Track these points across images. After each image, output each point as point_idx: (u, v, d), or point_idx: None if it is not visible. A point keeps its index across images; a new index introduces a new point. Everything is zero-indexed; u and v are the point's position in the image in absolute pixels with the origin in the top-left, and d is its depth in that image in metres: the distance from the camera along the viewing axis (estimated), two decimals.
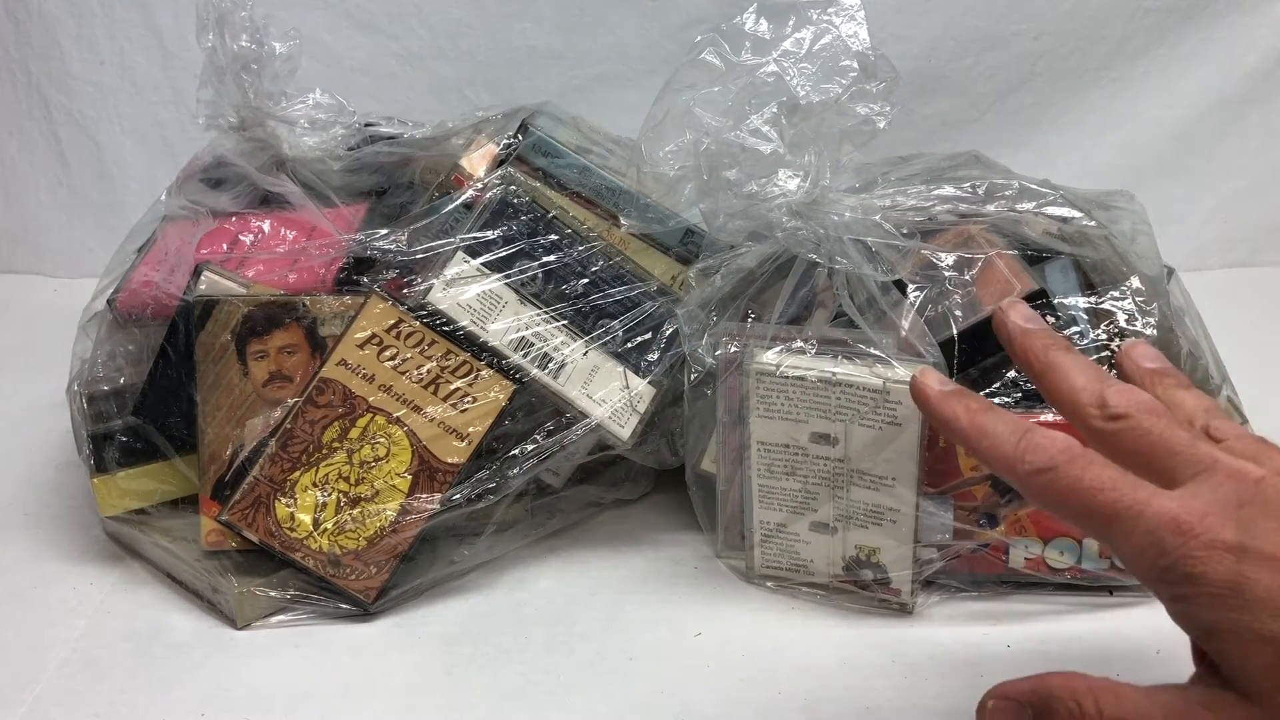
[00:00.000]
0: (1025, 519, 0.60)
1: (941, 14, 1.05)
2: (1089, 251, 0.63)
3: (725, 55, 0.61)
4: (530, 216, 0.65)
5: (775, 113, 0.59)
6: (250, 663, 0.58)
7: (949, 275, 0.61)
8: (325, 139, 0.70)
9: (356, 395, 0.60)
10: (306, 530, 0.60)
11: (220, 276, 0.63)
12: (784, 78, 0.59)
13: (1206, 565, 0.37)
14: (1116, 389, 0.43)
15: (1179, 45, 1.07)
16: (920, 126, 1.08)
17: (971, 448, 0.45)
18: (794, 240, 0.60)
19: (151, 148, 1.09)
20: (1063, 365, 0.45)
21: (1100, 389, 0.43)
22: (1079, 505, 0.41)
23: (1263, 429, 0.64)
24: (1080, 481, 0.41)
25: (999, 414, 0.45)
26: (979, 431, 0.44)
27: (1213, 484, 0.39)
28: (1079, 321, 0.61)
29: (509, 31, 1.06)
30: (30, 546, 0.68)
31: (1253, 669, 0.37)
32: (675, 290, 0.65)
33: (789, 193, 0.60)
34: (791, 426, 0.59)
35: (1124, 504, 0.39)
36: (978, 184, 0.63)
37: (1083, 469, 0.41)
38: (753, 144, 0.59)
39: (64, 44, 1.07)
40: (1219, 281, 1.06)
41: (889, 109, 0.58)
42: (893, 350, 0.58)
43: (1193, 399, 0.45)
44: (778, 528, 0.62)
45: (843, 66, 0.59)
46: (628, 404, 0.63)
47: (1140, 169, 1.09)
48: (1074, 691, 0.40)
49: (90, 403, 0.65)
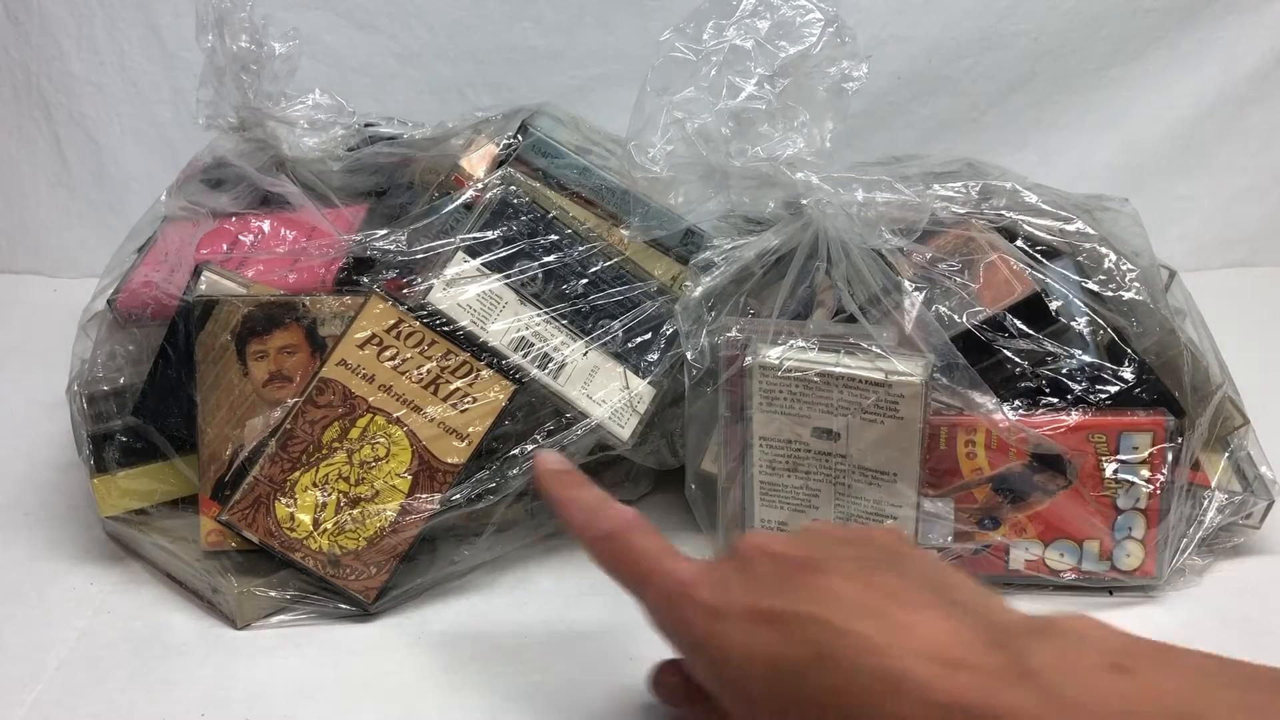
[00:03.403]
0: (1026, 521, 0.60)
1: (941, 14, 1.05)
2: (1087, 253, 0.63)
3: (691, 47, 0.61)
4: (530, 217, 0.65)
5: (758, 77, 0.60)
6: (250, 663, 0.58)
7: (949, 276, 0.61)
8: (325, 139, 0.70)
9: (356, 395, 0.60)
10: (306, 530, 0.59)
11: (220, 277, 0.63)
12: (757, 42, 0.60)
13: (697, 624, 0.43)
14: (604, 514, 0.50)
15: (1179, 45, 1.07)
16: (920, 127, 1.08)
17: (560, 514, 0.51)
18: (809, 188, 0.60)
19: (151, 148, 1.09)
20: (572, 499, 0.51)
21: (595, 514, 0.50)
22: (626, 567, 0.48)
23: (1263, 429, 0.65)
24: (628, 550, 0.48)
25: (589, 490, 0.52)
26: (567, 501, 0.51)
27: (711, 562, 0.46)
28: (1079, 321, 0.61)
29: (509, 31, 1.06)
30: (30, 546, 0.68)
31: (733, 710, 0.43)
32: (675, 290, 0.65)
33: (799, 149, 0.60)
34: (794, 422, 0.59)
35: (651, 569, 0.46)
36: (971, 185, 0.63)
37: (637, 538, 0.48)
38: (744, 107, 0.60)
39: (64, 44, 1.07)
40: (1219, 281, 1.06)
41: (863, 67, 0.60)
42: (893, 346, 0.58)
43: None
44: (779, 526, 0.62)
45: (807, 22, 0.60)
46: (628, 404, 0.62)
47: (1140, 169, 1.09)
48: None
49: (90, 403, 0.65)
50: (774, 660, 0.40)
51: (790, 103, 0.60)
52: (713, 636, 0.42)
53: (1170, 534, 0.60)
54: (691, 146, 0.62)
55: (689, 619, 0.44)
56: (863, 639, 0.39)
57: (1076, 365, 0.60)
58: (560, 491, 0.52)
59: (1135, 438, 0.58)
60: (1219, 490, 0.63)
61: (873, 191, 0.60)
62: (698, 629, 0.43)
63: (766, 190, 0.62)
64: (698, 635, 0.43)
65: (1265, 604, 0.62)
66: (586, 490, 0.52)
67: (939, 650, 0.38)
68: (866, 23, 1.04)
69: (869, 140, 1.06)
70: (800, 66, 0.60)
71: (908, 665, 0.37)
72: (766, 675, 0.40)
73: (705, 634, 0.43)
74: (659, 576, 0.46)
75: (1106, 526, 0.59)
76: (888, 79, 1.06)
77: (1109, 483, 0.59)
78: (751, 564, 0.44)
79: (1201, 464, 0.63)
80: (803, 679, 0.39)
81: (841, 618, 0.40)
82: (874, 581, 0.41)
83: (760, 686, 0.41)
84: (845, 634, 0.39)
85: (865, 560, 0.43)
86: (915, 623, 0.39)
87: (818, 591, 0.41)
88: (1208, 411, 0.62)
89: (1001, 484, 0.59)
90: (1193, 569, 0.63)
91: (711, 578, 0.44)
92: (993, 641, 0.38)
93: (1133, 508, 0.59)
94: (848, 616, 0.40)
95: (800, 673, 0.40)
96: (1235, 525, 0.64)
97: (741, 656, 0.41)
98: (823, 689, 0.39)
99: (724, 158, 0.61)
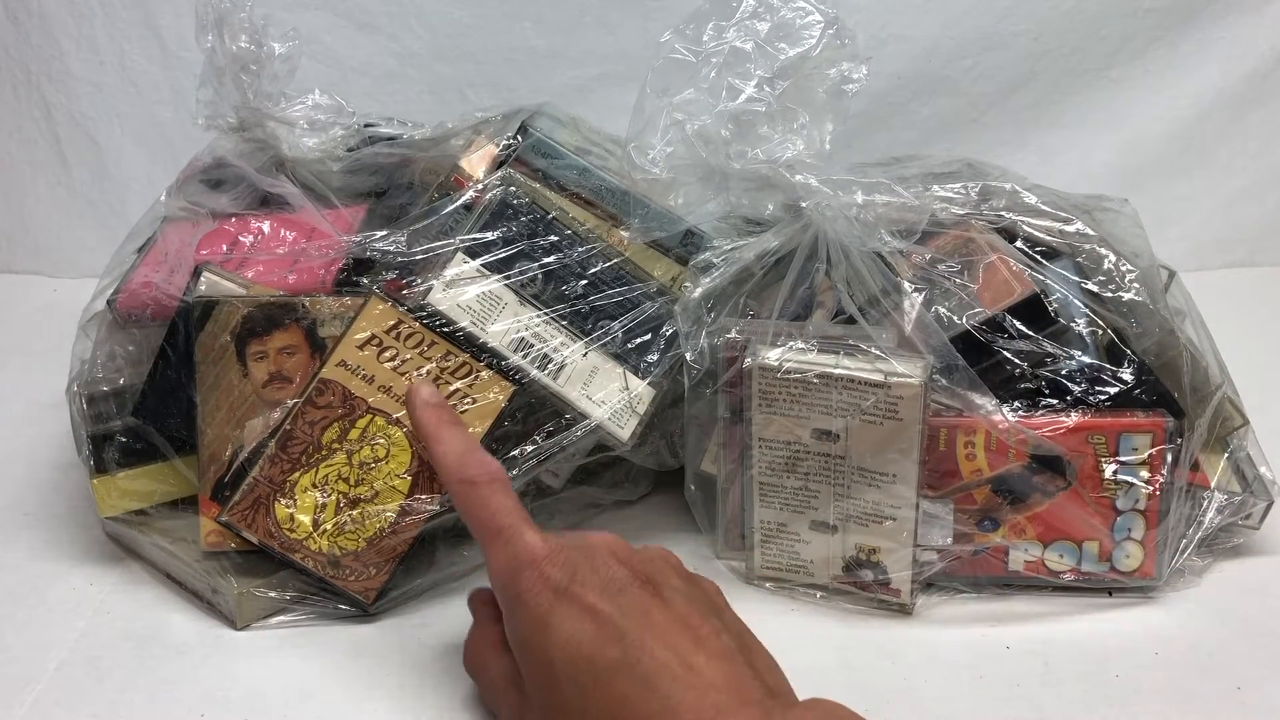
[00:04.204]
0: (1026, 522, 0.60)
1: (941, 14, 1.05)
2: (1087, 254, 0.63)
3: (691, 49, 0.61)
4: (530, 217, 0.65)
5: (758, 79, 0.60)
6: (250, 663, 0.58)
7: (949, 277, 0.61)
8: (325, 140, 0.70)
9: (356, 396, 0.60)
10: (306, 531, 0.60)
11: (220, 277, 0.63)
12: (757, 44, 0.60)
13: (533, 595, 0.47)
14: (475, 459, 0.53)
15: (1179, 45, 1.07)
16: (920, 127, 1.08)
17: (429, 449, 0.55)
18: (809, 190, 0.60)
19: (151, 148, 1.09)
20: (444, 436, 0.55)
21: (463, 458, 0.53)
22: (480, 517, 0.51)
23: (1263, 429, 0.65)
24: (489, 502, 0.51)
25: (461, 431, 0.55)
26: (438, 438, 0.55)
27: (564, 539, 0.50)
28: (1078, 322, 0.61)
29: (509, 31, 1.06)
30: (30, 546, 0.68)
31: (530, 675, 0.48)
32: (675, 291, 0.65)
33: (798, 151, 0.60)
34: (793, 423, 0.59)
35: (508, 527, 0.50)
36: (970, 186, 0.63)
37: (495, 494, 0.52)
38: (744, 109, 0.60)
39: (64, 44, 1.07)
40: (1219, 281, 1.06)
41: (862, 69, 0.60)
42: (892, 347, 0.58)
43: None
44: (778, 527, 0.62)
45: (807, 24, 0.60)
46: (627, 405, 0.63)
47: (1140, 169, 1.09)
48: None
49: (90, 403, 0.65)
50: (586, 652, 0.45)
51: (790, 105, 0.61)
52: (543, 610, 0.47)
53: (1170, 535, 0.60)
54: (691, 148, 0.62)
55: (531, 587, 0.48)
56: (661, 665, 0.44)
57: (1076, 366, 0.60)
58: (433, 426, 0.55)
59: (1134, 439, 0.58)
60: (1218, 491, 0.63)
61: (872, 194, 0.60)
62: (535, 599, 0.47)
63: (766, 192, 0.62)
64: (528, 603, 0.47)
65: (1265, 604, 0.62)
66: (459, 430, 0.55)
67: (717, 696, 0.43)
68: (866, 23, 1.04)
69: (869, 141, 1.06)
70: (800, 68, 0.60)
71: (688, 700, 0.43)
72: (574, 660, 0.45)
73: (536, 606, 0.47)
74: (513, 539, 0.49)
75: (1106, 527, 0.59)
76: (888, 79, 1.06)
77: (1108, 484, 0.59)
78: (600, 561, 0.48)
79: (1201, 465, 0.63)
80: (600, 676, 0.45)
81: (651, 640, 0.45)
82: (690, 621, 0.47)
83: (565, 667, 0.46)
84: (649, 655, 0.45)
85: (690, 599, 0.48)
86: (706, 668, 0.44)
87: (644, 611, 0.46)
88: (1207, 412, 0.62)
89: (1001, 485, 0.59)
90: (1192, 570, 0.63)
91: (560, 558, 0.48)
92: (764, 700, 0.44)
93: (1132, 509, 0.59)
94: (657, 641, 0.45)
95: (601, 671, 0.45)
96: (1235, 526, 0.64)
97: (562, 636, 0.46)
98: (614, 691, 0.44)
99: (724, 160, 0.61)
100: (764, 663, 0.48)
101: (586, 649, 0.45)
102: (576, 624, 0.46)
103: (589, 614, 0.46)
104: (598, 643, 0.45)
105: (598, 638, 0.45)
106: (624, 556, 0.49)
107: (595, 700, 0.45)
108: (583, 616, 0.46)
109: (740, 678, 0.45)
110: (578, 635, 0.46)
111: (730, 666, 0.45)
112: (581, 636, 0.46)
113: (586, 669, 0.45)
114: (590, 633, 0.46)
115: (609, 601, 0.47)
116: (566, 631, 0.46)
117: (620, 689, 0.44)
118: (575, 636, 0.46)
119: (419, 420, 0.56)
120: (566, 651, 0.46)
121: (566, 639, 0.46)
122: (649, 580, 0.48)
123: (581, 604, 0.47)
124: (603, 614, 0.46)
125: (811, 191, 0.60)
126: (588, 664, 0.45)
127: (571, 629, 0.46)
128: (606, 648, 0.45)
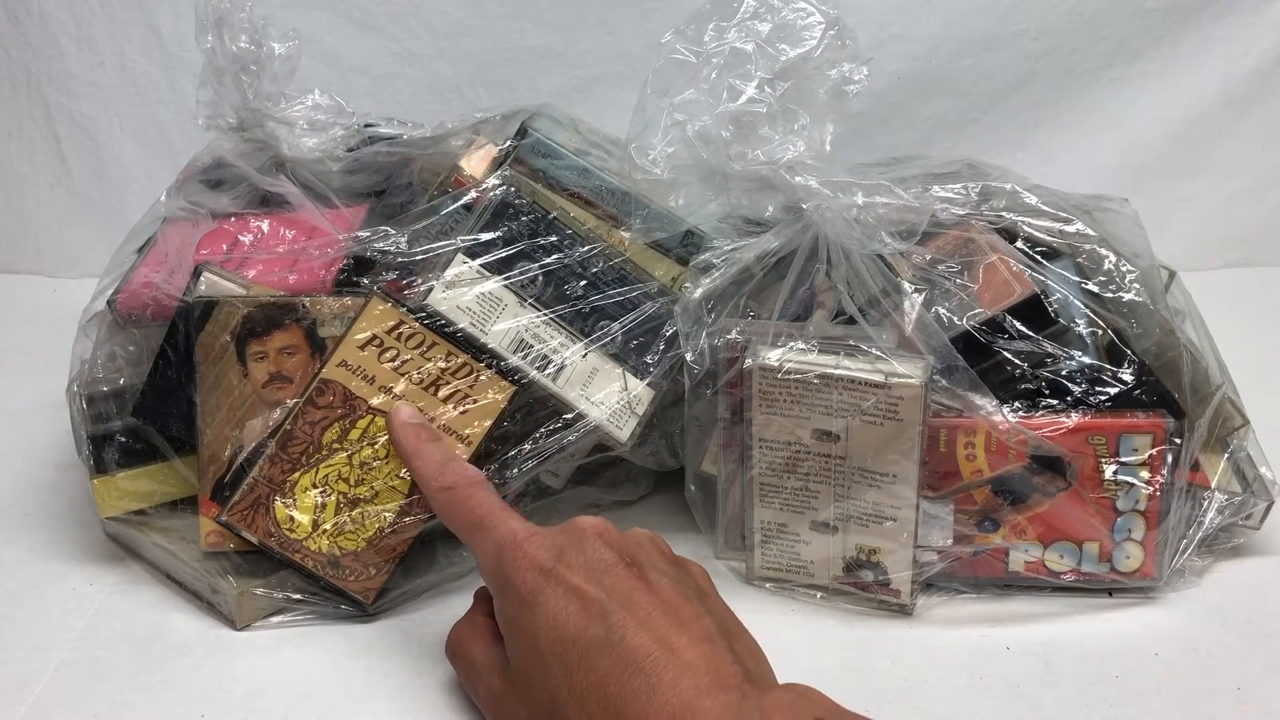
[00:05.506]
0: (1026, 523, 0.60)
1: (941, 14, 1.05)
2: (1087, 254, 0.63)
3: (692, 49, 0.61)
4: (531, 218, 0.65)
5: (759, 80, 0.60)
6: (250, 663, 0.58)
7: (949, 277, 0.61)
8: (325, 140, 0.70)
9: (357, 396, 0.60)
10: (306, 531, 0.60)
11: (220, 277, 0.63)
12: (758, 45, 0.60)
13: (519, 574, 0.49)
14: (451, 468, 0.56)
15: (1179, 45, 1.07)
16: (920, 127, 1.08)
17: (409, 465, 0.58)
18: (809, 192, 0.60)
19: (151, 148, 1.09)
20: (423, 451, 0.58)
21: (442, 468, 0.57)
22: (461, 517, 0.54)
23: (1263, 429, 0.65)
24: (469, 500, 0.54)
25: (439, 445, 0.59)
26: (416, 453, 0.58)
27: (550, 526, 0.51)
28: (1078, 322, 0.61)
29: (509, 31, 1.06)
30: (30, 546, 0.68)
31: (516, 653, 0.49)
32: (675, 291, 0.65)
33: (799, 152, 0.60)
34: (793, 424, 0.59)
35: (489, 516, 0.53)
36: (971, 186, 0.63)
37: (474, 493, 0.55)
38: (745, 110, 0.60)
39: (64, 44, 1.07)
40: (1219, 281, 1.06)
41: (863, 70, 0.61)
42: (893, 348, 0.58)
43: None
44: (779, 527, 0.62)
45: (807, 25, 0.60)
46: (627, 406, 0.62)
47: (1140, 169, 1.09)
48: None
49: (90, 403, 0.65)
50: (571, 631, 0.46)
51: (791, 105, 0.60)
52: (529, 589, 0.48)
53: (1170, 535, 0.60)
54: (692, 149, 0.62)
55: (519, 566, 0.49)
56: (642, 646, 0.45)
57: (1076, 367, 0.60)
58: (413, 444, 0.58)
59: (1135, 439, 0.58)
60: (1219, 491, 0.63)
61: (872, 196, 0.60)
62: (521, 578, 0.49)
63: (766, 193, 0.62)
64: (515, 583, 0.49)
65: (1265, 605, 0.62)
66: (437, 445, 0.58)
67: (696, 677, 0.44)
68: (866, 23, 1.04)
69: (869, 140, 1.06)
70: (801, 69, 0.60)
71: (666, 680, 0.44)
72: (560, 639, 0.47)
73: (522, 584, 0.49)
74: (497, 525, 0.52)
75: (1106, 528, 0.59)
76: (888, 79, 1.06)
77: (1108, 484, 0.59)
78: (586, 543, 0.49)
79: (1201, 465, 0.63)
80: (584, 655, 0.46)
81: (634, 621, 0.46)
82: (673, 604, 0.48)
83: (550, 645, 0.47)
84: (631, 635, 0.45)
85: (676, 582, 0.49)
86: (687, 649, 0.45)
87: (628, 592, 0.47)
88: (1207, 412, 0.62)
89: (1001, 486, 0.59)
90: (1192, 570, 0.63)
91: (545, 540, 0.50)
92: (741, 684, 0.44)
93: (1132, 509, 0.59)
94: (640, 622, 0.46)
95: (585, 649, 0.46)
96: (1235, 526, 0.64)
97: (548, 615, 0.47)
98: (597, 669, 0.45)
99: (724, 160, 0.61)
100: (745, 647, 0.48)
101: (571, 628, 0.46)
102: (562, 604, 0.47)
103: (574, 594, 0.47)
104: (582, 622, 0.46)
105: (582, 617, 0.47)
106: (610, 539, 0.50)
107: (578, 678, 0.46)
108: (569, 596, 0.47)
109: (720, 660, 0.45)
110: (563, 615, 0.47)
111: (711, 649, 0.46)
112: (566, 616, 0.47)
113: (571, 647, 0.46)
114: (575, 612, 0.47)
115: (594, 582, 0.48)
116: (552, 611, 0.47)
117: (603, 667, 0.45)
118: (560, 616, 0.47)
119: (398, 440, 0.59)
120: (552, 630, 0.47)
121: (552, 618, 0.47)
122: (634, 562, 0.49)
123: (567, 584, 0.48)
124: (588, 594, 0.47)
125: (812, 193, 0.60)
126: (572, 643, 0.46)
127: (557, 608, 0.47)
128: (590, 627, 0.46)
